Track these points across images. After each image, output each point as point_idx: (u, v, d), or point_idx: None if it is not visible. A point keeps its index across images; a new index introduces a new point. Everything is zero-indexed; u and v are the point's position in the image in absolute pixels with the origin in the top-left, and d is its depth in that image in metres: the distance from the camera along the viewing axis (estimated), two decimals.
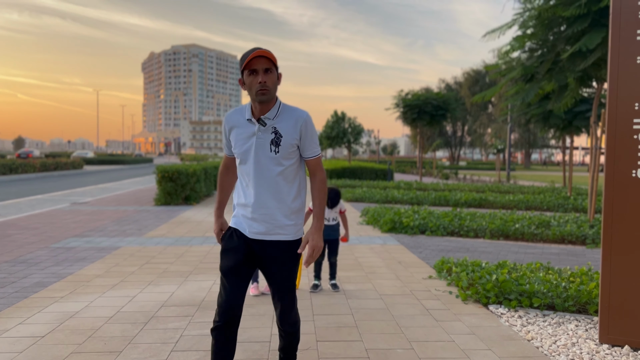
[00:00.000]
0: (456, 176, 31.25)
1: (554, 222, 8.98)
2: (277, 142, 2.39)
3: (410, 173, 37.68)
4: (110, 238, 8.05)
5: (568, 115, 12.73)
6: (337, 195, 5.06)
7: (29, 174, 26.88)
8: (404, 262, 6.43)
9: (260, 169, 2.41)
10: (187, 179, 12.99)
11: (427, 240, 8.13)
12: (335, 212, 5.08)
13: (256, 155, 2.41)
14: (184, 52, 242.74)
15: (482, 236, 8.48)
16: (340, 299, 4.75)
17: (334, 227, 5.09)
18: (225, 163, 2.70)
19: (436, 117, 20.65)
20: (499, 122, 61.00)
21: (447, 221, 8.90)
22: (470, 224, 8.74)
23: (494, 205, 13.27)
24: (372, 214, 10.10)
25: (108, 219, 10.32)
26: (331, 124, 24.62)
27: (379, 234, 8.68)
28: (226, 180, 2.73)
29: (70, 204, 13.19)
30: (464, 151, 76.10)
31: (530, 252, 7.32)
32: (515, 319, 4.22)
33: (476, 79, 64.49)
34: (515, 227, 8.42)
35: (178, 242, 7.72)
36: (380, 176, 23.11)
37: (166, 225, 9.49)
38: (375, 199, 14.17)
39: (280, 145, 2.39)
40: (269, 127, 2.40)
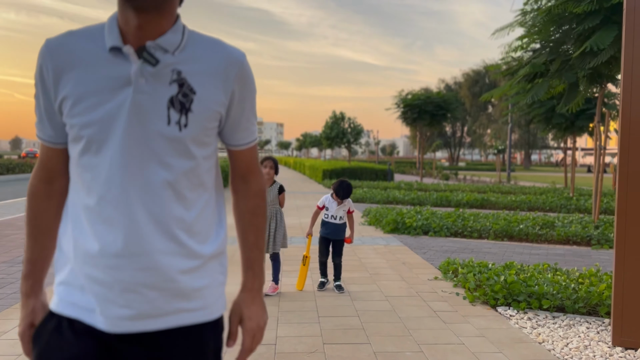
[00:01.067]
0: (456, 177, 31.19)
1: (558, 222, 8.91)
2: (183, 103, 1.09)
3: (410, 174, 37.61)
4: None
5: (571, 115, 12.66)
6: (350, 187, 4.94)
7: (27, 174, 26.77)
8: (408, 263, 6.35)
9: (135, 165, 1.07)
10: None
11: (431, 241, 8.05)
12: (343, 210, 4.96)
13: (128, 132, 1.06)
14: None
15: (486, 237, 8.41)
16: (346, 300, 4.67)
17: (341, 226, 4.99)
18: (45, 166, 1.20)
19: (437, 117, 20.57)
20: (498, 122, 61.01)
21: (450, 222, 8.83)
22: (473, 224, 8.66)
23: (496, 206, 13.19)
24: (374, 214, 10.02)
25: None
26: (330, 124, 24.51)
27: (382, 235, 8.60)
28: (45, 208, 1.21)
29: None
30: (463, 152, 76.09)
31: (535, 253, 7.24)
32: (525, 320, 4.14)
33: (476, 80, 64.50)
34: (520, 227, 8.34)
35: None
36: (380, 177, 23.04)
37: None
38: (376, 200, 14.09)
39: (190, 110, 1.09)
40: (164, 68, 1.08)
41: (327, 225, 5.00)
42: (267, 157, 4.82)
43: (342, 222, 4.97)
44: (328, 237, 5.01)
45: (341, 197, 4.89)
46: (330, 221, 4.97)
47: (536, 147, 64.98)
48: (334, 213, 4.94)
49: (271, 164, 4.80)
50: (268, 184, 4.88)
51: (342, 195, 4.88)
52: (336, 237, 4.99)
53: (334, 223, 4.95)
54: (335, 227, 4.96)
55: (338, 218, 4.95)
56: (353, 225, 5.12)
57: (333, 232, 4.97)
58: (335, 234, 4.98)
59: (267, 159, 4.81)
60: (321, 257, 5.06)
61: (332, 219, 4.95)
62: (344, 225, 5.00)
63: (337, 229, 4.97)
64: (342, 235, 5.00)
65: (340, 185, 4.92)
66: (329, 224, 4.98)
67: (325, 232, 5.01)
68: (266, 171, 4.79)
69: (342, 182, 4.94)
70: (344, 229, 5.01)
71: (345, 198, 4.92)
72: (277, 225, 4.84)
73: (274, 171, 4.83)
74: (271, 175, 4.81)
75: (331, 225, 4.96)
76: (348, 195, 4.92)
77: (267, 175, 4.80)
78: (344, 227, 5.01)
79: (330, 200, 4.99)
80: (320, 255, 5.07)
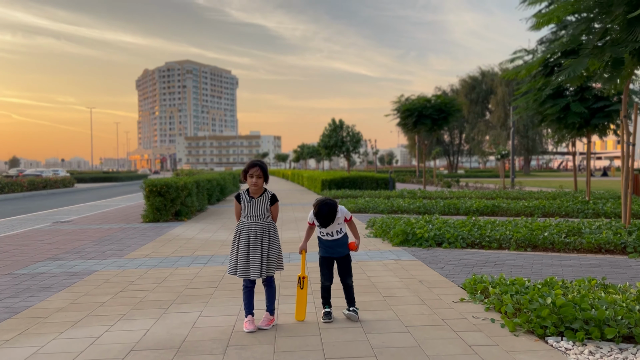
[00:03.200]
0: (458, 184, 30.34)
1: (585, 229, 8.04)
2: None
3: (410, 182, 36.76)
4: (86, 261, 7.07)
5: (584, 114, 11.83)
6: (333, 211, 4.00)
7: (16, 193, 25.82)
8: (426, 281, 5.47)
9: None
10: (177, 193, 12.03)
11: (446, 254, 7.18)
12: (338, 223, 4.07)
13: None
14: (178, 68, 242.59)
15: (507, 247, 7.53)
16: (358, 333, 3.78)
17: (340, 240, 4.10)
18: None
19: (438, 122, 19.72)
20: (497, 128, 60.33)
21: (465, 231, 7.96)
22: (492, 233, 7.79)
23: (508, 212, 12.33)
24: (379, 225, 9.15)
25: (89, 238, 9.33)
26: (328, 133, 23.64)
27: (390, 248, 7.72)
28: None
29: (52, 223, 12.20)
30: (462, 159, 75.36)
31: (566, 265, 6.38)
32: (587, 356, 3.26)
33: (473, 86, 63.90)
34: (544, 235, 7.48)
35: (162, 264, 6.74)
36: (381, 185, 22.18)
37: (152, 244, 8.51)
38: (379, 209, 13.22)
39: None
40: None
41: (323, 243, 4.14)
42: (253, 164, 3.95)
43: (340, 236, 4.10)
44: (329, 257, 4.15)
45: (322, 224, 4.00)
46: (328, 238, 4.10)
47: (535, 153, 64.20)
48: (328, 230, 4.08)
49: (259, 172, 3.93)
50: (257, 194, 4.02)
51: (322, 222, 3.99)
52: (339, 254, 4.12)
53: (332, 240, 4.09)
54: (334, 243, 4.09)
55: (335, 233, 4.09)
56: (356, 230, 4.24)
57: (332, 249, 4.10)
58: (336, 250, 4.11)
59: (253, 165, 3.93)
60: (324, 282, 4.18)
61: (329, 236, 4.10)
62: (344, 238, 4.13)
63: (336, 245, 4.09)
64: (345, 250, 4.13)
65: (320, 210, 3.98)
66: (325, 241, 4.13)
67: (324, 252, 4.15)
68: (253, 181, 3.94)
69: (321, 207, 3.98)
70: (345, 241, 4.14)
71: (326, 226, 4.03)
72: (270, 242, 3.98)
73: (263, 179, 3.97)
74: (259, 184, 3.95)
75: (328, 243, 4.11)
76: (330, 222, 4.00)
77: (255, 185, 3.95)
78: (344, 239, 4.14)
79: None
80: (322, 279, 4.18)
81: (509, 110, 59.56)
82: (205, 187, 15.29)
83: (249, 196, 4.00)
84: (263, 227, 3.97)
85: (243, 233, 3.96)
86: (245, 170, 3.99)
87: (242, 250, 3.91)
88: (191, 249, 7.88)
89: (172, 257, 7.21)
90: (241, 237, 3.96)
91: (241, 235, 3.96)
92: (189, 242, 8.59)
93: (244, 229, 3.96)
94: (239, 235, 3.98)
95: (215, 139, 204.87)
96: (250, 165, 3.96)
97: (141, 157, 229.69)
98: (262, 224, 3.97)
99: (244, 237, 3.94)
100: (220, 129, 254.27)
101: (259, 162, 3.98)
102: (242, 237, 3.95)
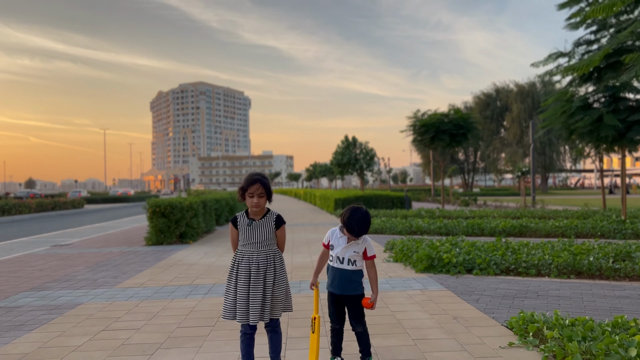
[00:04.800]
0: (475, 202, 29.30)
1: (636, 252, 7.11)
2: None
3: (426, 200, 35.76)
4: (74, 291, 6.33)
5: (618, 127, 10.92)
6: (368, 217, 3.25)
7: (24, 215, 25.40)
8: (461, 318, 4.62)
9: None
10: (181, 214, 11.31)
11: (478, 282, 6.31)
12: (354, 250, 3.26)
13: None
14: (192, 90, 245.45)
15: (547, 273, 6.64)
16: None
17: (350, 275, 3.27)
18: None
19: (457, 137, 18.85)
20: (513, 146, 59.19)
21: (498, 255, 7.08)
22: (528, 258, 6.91)
23: (537, 233, 11.40)
24: (400, 248, 8.30)
25: (84, 264, 8.62)
26: (341, 150, 22.85)
27: (414, 275, 6.87)
28: None
29: (50, 246, 11.54)
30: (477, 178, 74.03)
31: (622, 296, 5.48)
32: None
33: (487, 103, 63.04)
34: (589, 260, 6.58)
35: (157, 295, 5.97)
36: (396, 204, 21.30)
37: (150, 270, 7.76)
38: (397, 230, 12.37)
39: None
40: None
41: (331, 271, 3.34)
42: (253, 180, 3.17)
43: (352, 269, 3.27)
44: (333, 292, 3.34)
45: (356, 234, 3.21)
46: (335, 265, 3.29)
47: (553, 170, 62.78)
48: (340, 254, 3.28)
49: (260, 190, 3.16)
50: (258, 215, 3.26)
51: (356, 230, 3.20)
52: (344, 292, 3.27)
53: (339, 269, 3.27)
54: (342, 275, 3.26)
55: (346, 262, 3.27)
56: (376, 277, 3.35)
57: (338, 282, 3.27)
58: (341, 285, 3.27)
59: (253, 182, 3.16)
60: (332, 324, 3.38)
61: (337, 262, 3.28)
62: (356, 275, 3.29)
63: (344, 278, 3.26)
64: (353, 289, 3.27)
65: (352, 215, 3.22)
66: (333, 269, 3.32)
67: (329, 284, 3.35)
68: (254, 202, 3.18)
69: (354, 211, 3.23)
70: (357, 279, 3.29)
71: (362, 235, 3.25)
72: (276, 276, 3.20)
73: (266, 198, 3.21)
74: (261, 205, 3.19)
75: (336, 272, 3.29)
76: (365, 230, 3.23)
77: (256, 206, 3.19)
78: (356, 276, 3.29)
79: (338, 235, 3.33)
80: (330, 319, 3.39)
81: (524, 127, 58.49)
82: (213, 207, 14.58)
83: (248, 218, 3.24)
84: (267, 257, 3.19)
85: (242, 265, 3.18)
86: (243, 188, 3.21)
87: (242, 288, 3.13)
88: (191, 277, 7.11)
89: (169, 287, 6.44)
90: (240, 271, 3.18)
91: (240, 268, 3.19)
92: (191, 269, 7.82)
93: (242, 261, 3.19)
94: (237, 269, 3.20)
95: (228, 159, 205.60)
96: (250, 182, 3.18)
97: (155, 178, 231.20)
98: (266, 253, 3.20)
99: (243, 270, 3.17)
100: (233, 149, 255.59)
101: (259, 176, 3.20)
102: (241, 270, 3.17)
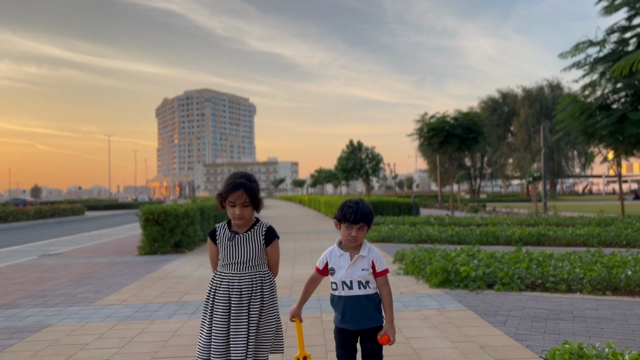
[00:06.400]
0: (484, 209, 28.46)
1: None
2: None
3: (433, 207, 34.92)
4: (47, 309, 5.64)
5: None
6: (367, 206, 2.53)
7: (21, 222, 24.81)
8: (489, 347, 3.87)
9: None
10: (176, 222, 10.62)
11: (502, 299, 5.56)
12: (362, 268, 2.51)
13: None
14: (197, 96, 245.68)
15: (578, 289, 5.89)
16: None
17: (369, 301, 2.53)
18: None
19: (467, 141, 18.09)
20: (520, 151, 58.26)
21: (522, 268, 6.33)
22: (556, 271, 6.15)
23: (557, 242, 10.62)
24: (411, 259, 7.56)
25: (68, 276, 7.93)
26: (346, 155, 22.10)
27: (428, 290, 6.13)
28: None
29: (38, 256, 10.88)
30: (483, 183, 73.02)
31: None
32: None
33: (494, 108, 62.22)
34: (627, 274, 5.82)
35: (138, 314, 5.26)
36: (404, 211, 20.53)
37: (136, 284, 7.06)
38: (406, 238, 11.62)
39: None
40: None
41: (338, 303, 2.56)
42: (235, 184, 2.45)
43: (366, 293, 2.51)
44: (346, 329, 2.56)
45: (353, 218, 2.46)
46: (343, 294, 2.53)
47: (562, 176, 61.75)
48: (345, 277, 2.52)
49: (244, 198, 2.45)
50: (243, 228, 2.55)
51: (353, 209, 2.47)
52: (360, 325, 2.51)
53: (349, 297, 2.51)
54: (355, 305, 2.50)
55: (356, 285, 2.51)
56: (390, 302, 2.55)
57: (351, 315, 2.50)
58: (356, 318, 2.50)
59: (235, 187, 2.44)
60: None
61: (345, 289, 2.53)
62: (371, 300, 2.52)
63: (357, 308, 2.50)
64: (372, 320, 2.51)
65: (346, 202, 2.54)
66: (341, 300, 2.54)
67: (340, 320, 2.56)
68: (236, 213, 2.46)
69: (346, 202, 2.54)
70: (373, 305, 2.52)
71: (361, 220, 2.48)
72: (263, 307, 2.50)
73: (252, 208, 2.50)
74: (246, 216, 2.49)
75: (346, 303, 2.52)
76: (366, 215, 2.48)
77: (239, 219, 2.49)
78: (372, 301, 2.53)
79: (337, 253, 2.60)
80: None
81: (532, 132, 57.58)
82: (211, 215, 13.90)
83: (230, 231, 2.54)
84: (253, 281, 2.49)
85: (220, 293, 2.48)
86: (221, 195, 2.51)
87: (219, 323, 2.42)
88: (180, 292, 6.41)
89: (154, 304, 5.73)
90: (217, 299, 2.47)
91: (217, 296, 2.48)
92: (181, 282, 7.11)
93: (221, 286, 2.49)
94: (214, 297, 2.50)
95: (233, 165, 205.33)
96: (231, 188, 2.44)
97: (160, 185, 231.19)
98: (252, 277, 2.50)
99: (221, 299, 2.46)
100: (238, 155, 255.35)
101: (242, 180, 2.47)
102: (219, 299, 2.47)
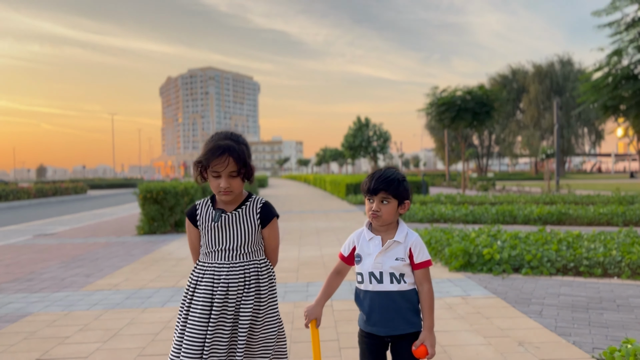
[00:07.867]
0: (494, 187, 27.83)
1: None
2: None
3: (441, 185, 34.31)
4: (30, 294, 5.14)
5: None
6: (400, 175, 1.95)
7: (22, 201, 24.45)
8: (528, 344, 3.32)
9: None
10: (176, 200, 10.10)
11: (532, 285, 5.00)
12: (396, 256, 1.92)
13: None
14: (201, 75, 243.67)
15: (616, 274, 5.32)
16: None
17: (403, 299, 1.94)
18: None
19: (480, 116, 17.37)
20: (530, 129, 57.27)
21: (552, 250, 5.75)
22: (590, 254, 5.57)
23: (579, 221, 10.04)
24: (426, 240, 7.00)
25: (60, 257, 7.45)
26: (353, 132, 21.39)
27: (448, 275, 5.58)
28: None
29: (33, 236, 10.43)
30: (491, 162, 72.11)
31: None
32: None
33: (503, 84, 60.98)
34: None
35: (129, 301, 4.75)
36: (413, 189, 19.97)
37: (131, 266, 6.56)
38: (418, 218, 11.07)
39: None
40: None
41: (364, 300, 1.98)
42: (219, 148, 1.87)
43: (400, 289, 1.93)
44: (372, 333, 1.97)
45: (369, 188, 1.91)
46: (370, 288, 1.94)
47: (572, 154, 60.81)
48: (374, 267, 1.93)
49: (231, 165, 1.86)
50: (231, 205, 1.97)
51: (368, 184, 1.92)
52: (392, 330, 1.93)
53: (378, 292, 1.93)
54: (384, 303, 1.92)
55: (388, 278, 1.92)
56: (431, 302, 1.95)
57: (380, 315, 1.93)
58: (386, 319, 1.92)
59: (220, 152, 1.85)
60: None
61: (374, 282, 1.93)
62: (407, 298, 1.94)
63: (387, 307, 1.92)
64: (406, 325, 1.92)
65: (373, 173, 1.98)
66: (367, 295, 1.96)
67: (365, 321, 1.98)
68: (221, 185, 1.88)
69: (377, 170, 2.00)
70: (409, 305, 1.94)
71: (379, 191, 1.89)
72: (260, 308, 1.94)
73: (242, 178, 1.92)
74: (234, 189, 1.91)
75: (374, 299, 1.94)
76: (387, 185, 1.89)
77: (226, 193, 1.91)
78: (408, 300, 1.94)
79: (366, 235, 2.00)
80: None
81: (542, 109, 56.49)
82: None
83: (214, 209, 1.97)
84: (245, 273, 1.92)
85: (200, 289, 1.91)
86: (200, 162, 1.92)
87: (194, 329, 1.86)
88: (177, 275, 5.89)
89: (147, 289, 5.22)
90: (196, 296, 1.91)
91: (196, 292, 1.92)
92: (179, 264, 6.60)
93: (203, 280, 1.92)
94: (192, 295, 1.93)
95: None
96: (213, 152, 1.86)
97: (165, 164, 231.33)
98: (244, 269, 1.93)
99: (202, 296, 1.89)
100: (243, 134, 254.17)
101: (228, 142, 1.89)
102: (198, 298, 1.90)
